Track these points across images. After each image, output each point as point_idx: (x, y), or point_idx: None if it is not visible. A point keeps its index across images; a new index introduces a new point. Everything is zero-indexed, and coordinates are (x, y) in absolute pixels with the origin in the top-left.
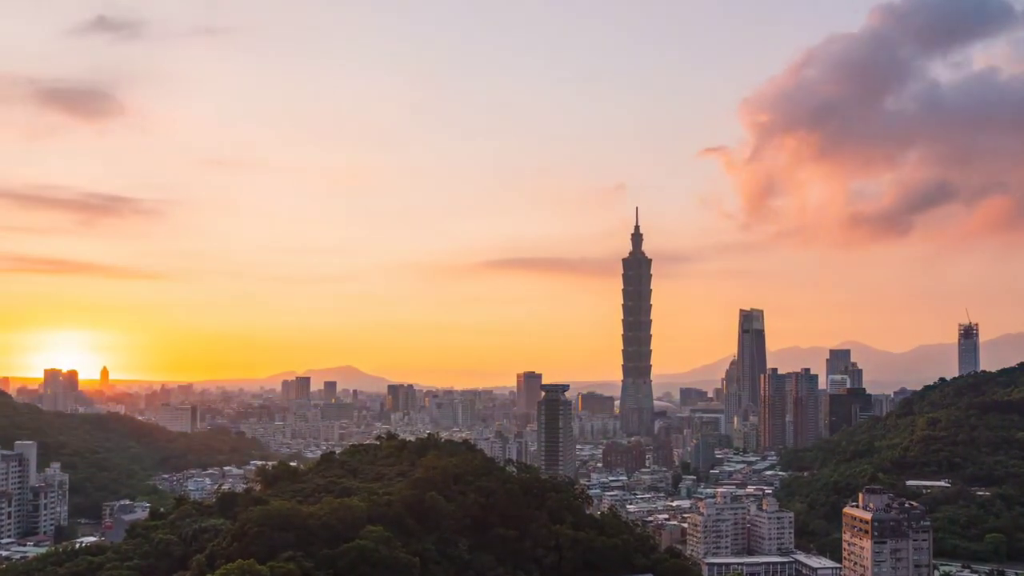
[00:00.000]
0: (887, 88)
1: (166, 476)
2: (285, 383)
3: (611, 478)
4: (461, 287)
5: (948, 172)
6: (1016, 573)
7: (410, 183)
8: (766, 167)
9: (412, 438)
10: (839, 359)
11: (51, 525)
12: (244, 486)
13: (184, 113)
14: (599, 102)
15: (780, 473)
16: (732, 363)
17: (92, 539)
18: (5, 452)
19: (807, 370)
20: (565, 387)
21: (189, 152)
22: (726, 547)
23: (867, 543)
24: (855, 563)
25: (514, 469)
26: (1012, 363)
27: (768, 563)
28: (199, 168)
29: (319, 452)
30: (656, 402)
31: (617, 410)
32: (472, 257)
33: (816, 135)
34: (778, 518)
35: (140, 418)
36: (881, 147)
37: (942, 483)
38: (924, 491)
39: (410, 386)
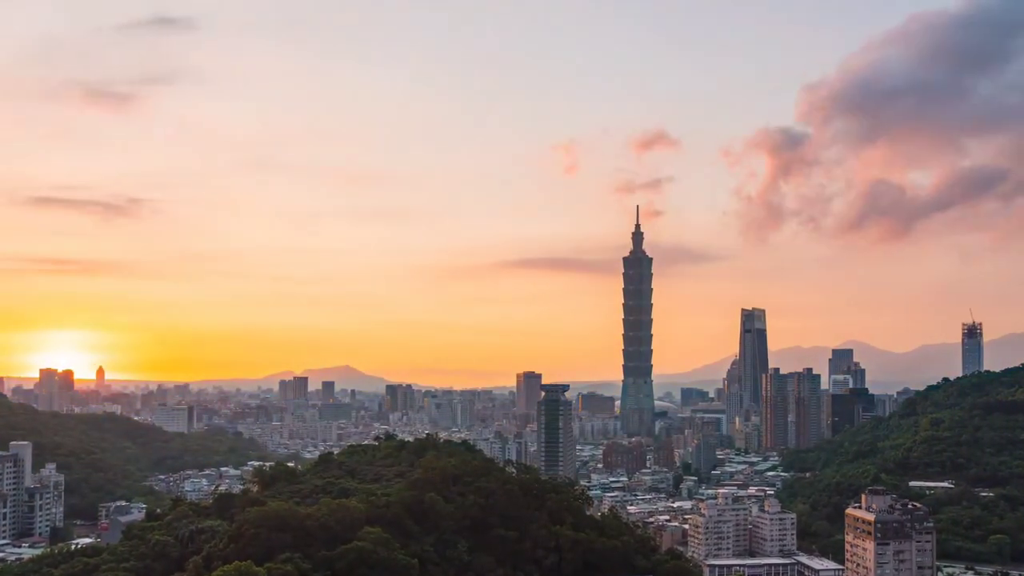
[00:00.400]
0: (979, 71)
1: (162, 477)
2: (282, 383)
3: (611, 479)
4: (460, 286)
5: (1010, 163)
6: (1020, 575)
7: (412, 183)
8: (800, 159)
9: (411, 438)
10: (841, 359)
11: (46, 526)
12: (241, 487)
13: (195, 112)
14: (609, 97)
15: (782, 474)
16: (734, 363)
17: (88, 540)
18: (0, 453)
19: (809, 370)
20: (565, 387)
21: (197, 151)
22: (728, 549)
23: (870, 545)
24: (858, 565)
25: (514, 470)
26: (1016, 363)
27: (770, 565)
28: (202, 167)
29: (317, 453)
30: (657, 402)
31: (617, 410)
32: (472, 257)
33: (865, 125)
34: (780, 519)
35: (136, 418)
36: (948, 137)
37: (945, 484)
38: (927, 492)
39: (409, 386)
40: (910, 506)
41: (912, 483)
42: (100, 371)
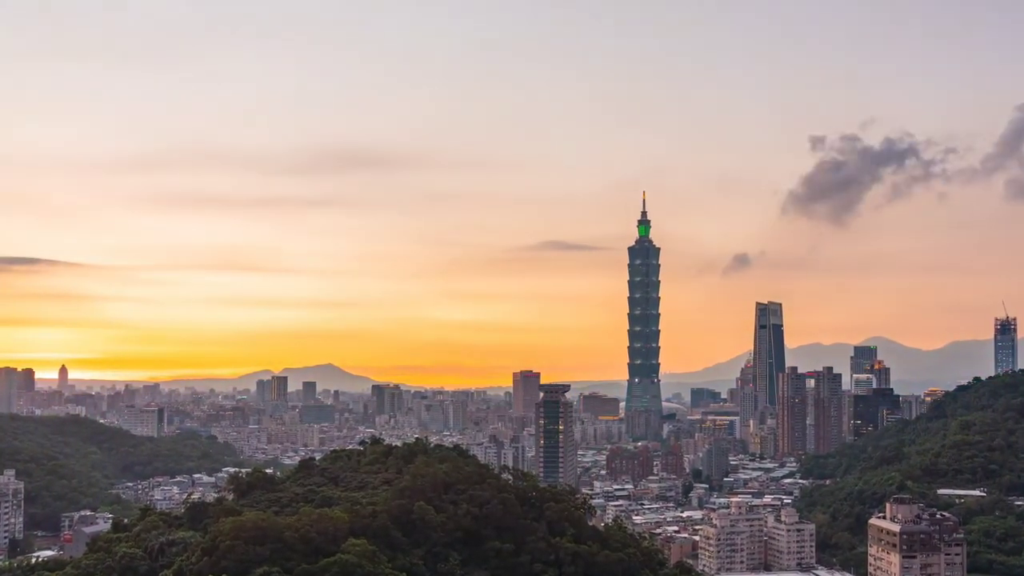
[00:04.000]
0: None
1: (130, 484)
2: (260, 383)
3: (615, 487)
4: (452, 278)
5: None
6: None
7: (399, 169)
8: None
9: (399, 443)
10: (864, 357)
11: (4, 538)
12: (215, 495)
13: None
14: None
15: (800, 481)
16: (748, 361)
17: (50, 553)
18: None
19: (830, 369)
20: (566, 387)
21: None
22: (741, 562)
23: (895, 558)
24: None
25: (510, 477)
26: None
27: None
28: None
29: (297, 458)
30: (665, 404)
31: (622, 412)
32: (464, 247)
33: None
34: (798, 530)
35: (102, 421)
36: None
37: (977, 492)
38: (957, 501)
39: (396, 386)
40: (938, 516)
41: (940, 491)
42: (63, 370)
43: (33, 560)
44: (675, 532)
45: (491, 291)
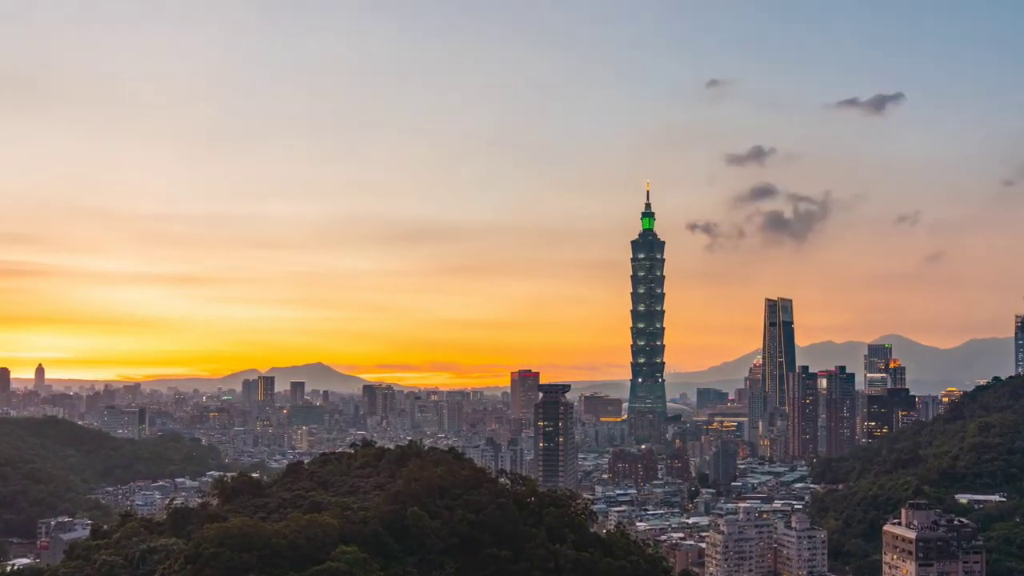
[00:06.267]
0: None
1: (110, 489)
2: (246, 383)
3: (618, 491)
4: (447, 272)
5: None
6: None
7: (393, 152)
8: None
9: (391, 445)
10: (878, 355)
11: None
12: (199, 500)
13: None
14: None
15: (811, 485)
16: (756, 360)
17: (25, 561)
18: None
19: (842, 368)
20: (566, 387)
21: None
22: (749, 570)
23: (911, 566)
24: None
25: (508, 481)
26: None
27: None
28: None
29: (285, 462)
30: (669, 404)
31: (625, 413)
32: (459, 241)
33: None
34: (809, 537)
35: (81, 423)
36: None
37: (996, 497)
38: (976, 506)
39: (389, 386)
40: (956, 522)
41: (958, 496)
42: (40, 369)
43: (8, 568)
44: (680, 539)
45: (488, 288)
